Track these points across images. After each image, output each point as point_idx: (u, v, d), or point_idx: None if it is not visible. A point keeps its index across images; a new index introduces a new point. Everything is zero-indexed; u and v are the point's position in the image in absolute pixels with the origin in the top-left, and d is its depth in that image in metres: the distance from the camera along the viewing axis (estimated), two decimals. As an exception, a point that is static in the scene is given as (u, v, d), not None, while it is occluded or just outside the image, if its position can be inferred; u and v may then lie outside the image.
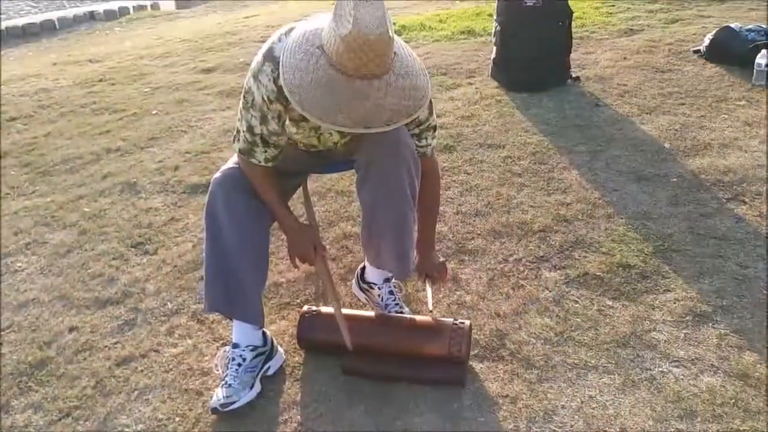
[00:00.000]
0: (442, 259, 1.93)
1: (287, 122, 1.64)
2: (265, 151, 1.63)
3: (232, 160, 1.74)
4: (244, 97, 1.58)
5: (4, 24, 7.59)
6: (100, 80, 4.67)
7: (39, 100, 4.29)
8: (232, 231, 1.66)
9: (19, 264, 2.40)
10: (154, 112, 3.89)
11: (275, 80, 1.50)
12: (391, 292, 1.91)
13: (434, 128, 1.72)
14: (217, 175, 1.70)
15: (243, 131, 1.62)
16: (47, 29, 7.67)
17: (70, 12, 8.29)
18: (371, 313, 1.87)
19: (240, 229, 1.66)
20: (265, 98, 1.54)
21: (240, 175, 1.68)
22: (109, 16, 8.30)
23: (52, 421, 1.68)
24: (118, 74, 4.80)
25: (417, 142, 1.70)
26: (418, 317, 1.82)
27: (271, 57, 1.51)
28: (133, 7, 8.69)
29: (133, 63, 5.15)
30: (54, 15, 8.04)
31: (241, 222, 1.67)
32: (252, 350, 1.70)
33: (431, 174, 1.79)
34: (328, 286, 1.80)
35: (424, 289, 1.95)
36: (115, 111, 3.97)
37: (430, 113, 1.68)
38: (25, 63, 5.86)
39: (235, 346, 1.71)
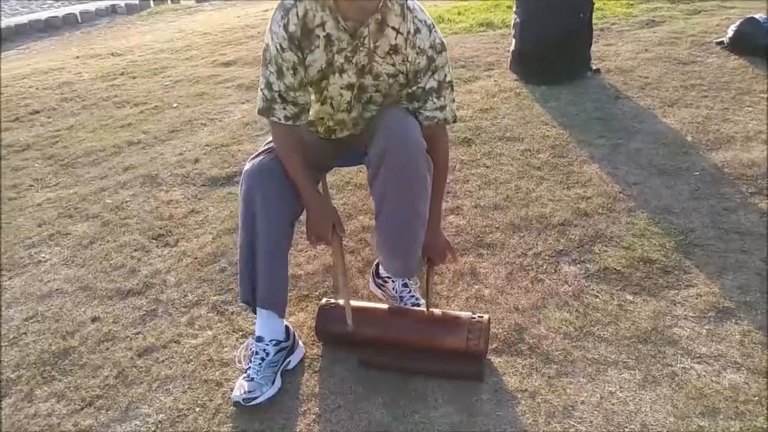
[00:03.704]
0: (446, 240, 1.88)
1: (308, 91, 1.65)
2: (284, 108, 1.64)
3: (262, 146, 1.75)
4: (263, 54, 1.63)
5: (27, 17, 7.69)
6: (122, 73, 4.72)
7: (62, 93, 4.34)
8: (261, 222, 1.65)
9: (42, 255, 2.44)
10: (174, 105, 3.92)
11: (285, 26, 1.55)
12: (405, 285, 1.91)
13: (451, 86, 1.68)
14: (248, 166, 1.70)
15: (262, 89, 1.65)
16: (69, 23, 7.74)
17: (92, 6, 8.36)
18: (389, 306, 1.87)
19: (268, 220, 1.66)
20: (278, 47, 1.57)
21: (270, 162, 1.68)
22: (131, 9, 8.37)
23: (74, 410, 1.71)
24: (140, 68, 4.85)
25: (436, 100, 1.66)
26: (436, 310, 1.82)
27: (282, 5, 1.57)
28: (154, 0, 8.75)
29: (154, 56, 5.19)
30: (76, 9, 8.12)
31: (271, 212, 1.65)
32: (275, 345, 1.71)
33: (440, 143, 1.73)
34: (339, 266, 1.79)
35: (425, 277, 1.89)
36: (136, 104, 4.00)
37: (440, 51, 1.62)
38: (48, 56, 5.93)
39: (259, 339, 1.72)
